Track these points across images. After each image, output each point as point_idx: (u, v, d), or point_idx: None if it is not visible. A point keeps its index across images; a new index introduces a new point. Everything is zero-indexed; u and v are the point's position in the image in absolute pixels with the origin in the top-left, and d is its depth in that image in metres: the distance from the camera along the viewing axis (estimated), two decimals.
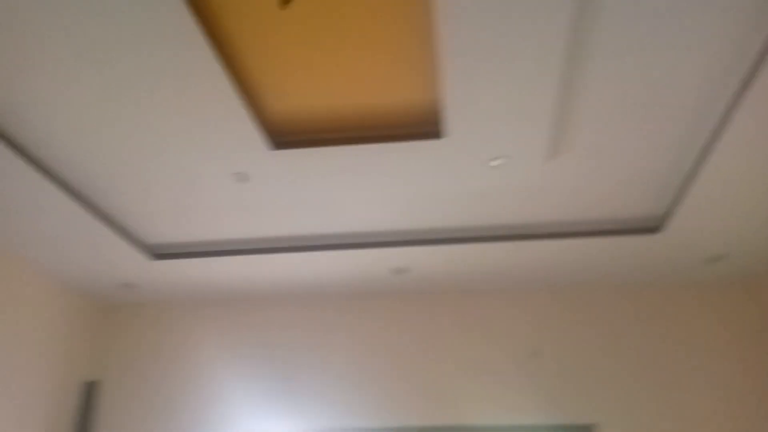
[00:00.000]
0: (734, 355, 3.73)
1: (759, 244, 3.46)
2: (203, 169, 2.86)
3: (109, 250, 3.55)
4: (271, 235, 3.54)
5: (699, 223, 3.22)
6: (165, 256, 3.70)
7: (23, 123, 2.54)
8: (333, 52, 2.32)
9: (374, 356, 3.98)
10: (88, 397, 4.03)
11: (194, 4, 2.05)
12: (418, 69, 2.38)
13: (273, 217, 3.32)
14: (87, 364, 4.14)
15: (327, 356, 4.02)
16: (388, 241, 3.54)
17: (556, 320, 3.95)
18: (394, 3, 2.11)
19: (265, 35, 2.23)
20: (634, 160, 2.85)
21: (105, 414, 4.03)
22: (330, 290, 4.09)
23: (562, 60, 2.21)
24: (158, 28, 2.07)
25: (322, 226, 3.42)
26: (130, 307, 4.36)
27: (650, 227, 3.37)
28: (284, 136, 2.71)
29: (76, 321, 4.08)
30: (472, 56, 2.20)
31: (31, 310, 3.67)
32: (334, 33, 2.24)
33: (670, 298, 3.92)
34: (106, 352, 4.22)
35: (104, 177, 2.94)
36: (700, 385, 3.69)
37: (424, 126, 2.64)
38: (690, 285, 3.94)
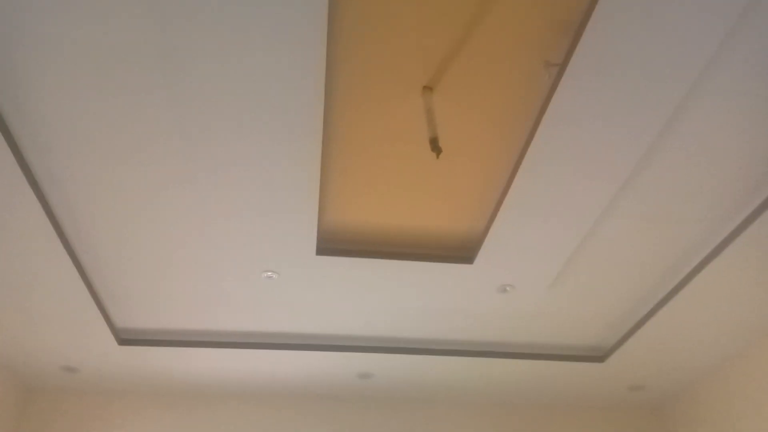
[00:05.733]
0: None
1: (671, 378, 4.11)
2: (236, 259, 2.87)
3: (71, 324, 3.25)
4: (245, 327, 3.51)
5: (635, 355, 3.79)
6: (131, 342, 3.49)
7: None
8: (402, 177, 2.57)
9: None
10: None
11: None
12: (474, 205, 2.71)
13: (268, 314, 3.34)
14: None
15: None
16: (360, 346, 3.68)
17: None
18: (475, 151, 2.45)
19: (350, 154, 2.44)
20: (604, 300, 3.36)
21: None
22: (296, 390, 4.07)
23: (591, 224, 2.68)
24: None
25: (308, 326, 3.48)
26: (60, 393, 3.93)
27: (598, 356, 3.89)
28: (329, 243, 2.86)
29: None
30: (528, 206, 2.58)
31: None
32: (409, 161, 2.51)
33: (596, 418, 4.44)
34: None
35: (109, 245, 2.75)
36: None
37: (459, 251, 2.94)
38: (612, 408, 4.51)
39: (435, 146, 1.91)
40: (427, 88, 2.06)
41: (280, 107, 2.05)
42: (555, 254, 2.90)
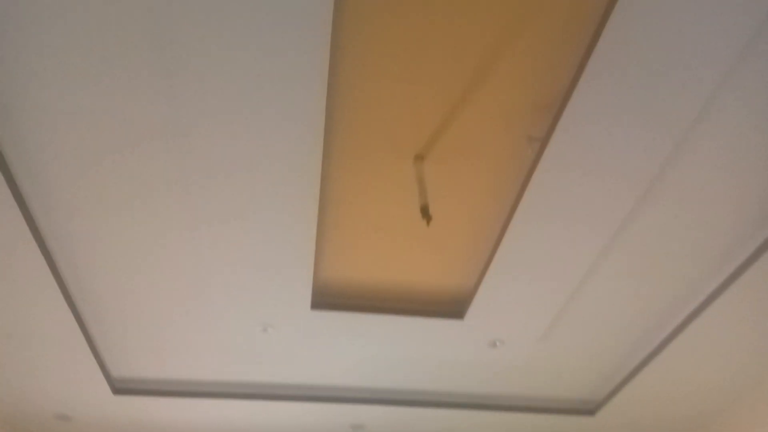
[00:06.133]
0: None
1: (661, 430, 4.14)
2: (233, 313, 2.94)
3: (66, 371, 3.29)
4: (240, 378, 3.56)
5: (626, 407, 3.83)
6: (127, 392, 3.52)
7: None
8: (394, 235, 2.67)
9: None
10: None
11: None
12: (464, 263, 2.81)
13: (264, 365, 3.39)
14: None
15: None
16: (353, 398, 3.72)
17: None
18: (465, 214, 2.56)
19: (345, 213, 2.55)
20: (594, 353, 3.42)
21: None
22: None
23: (579, 279, 2.78)
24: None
25: (302, 378, 3.53)
26: None
27: (589, 409, 3.92)
28: (323, 297, 2.94)
29: None
30: (516, 264, 2.68)
31: None
32: (401, 221, 2.62)
33: None
34: None
35: (108, 287, 2.79)
36: None
37: (450, 306, 3.02)
38: None
39: (425, 214, 2.02)
40: (419, 157, 2.18)
41: (279, 169, 2.16)
42: (543, 310, 2.98)
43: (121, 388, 3.52)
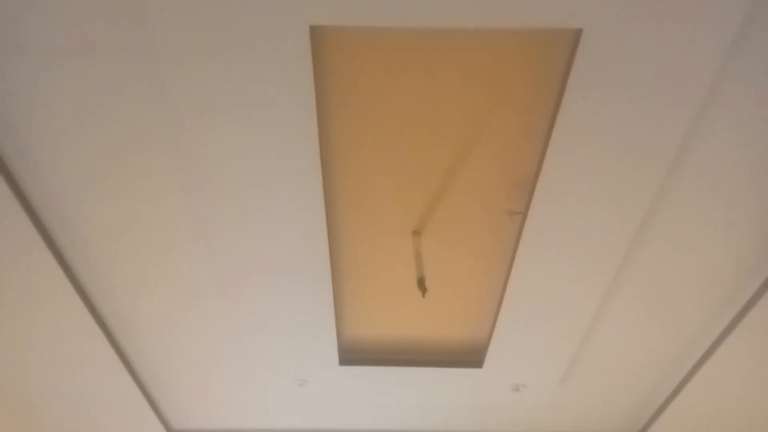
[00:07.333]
0: None
1: None
2: (269, 370, 3.25)
3: (130, 427, 3.68)
4: (283, 427, 3.85)
5: None
6: None
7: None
8: (406, 296, 2.92)
9: None
10: None
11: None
12: (477, 314, 3.02)
13: (302, 414, 3.68)
14: None
15: None
16: None
17: None
18: (470, 271, 2.78)
19: (357, 281, 2.82)
20: (619, 389, 3.53)
21: None
22: None
23: (589, 317, 2.93)
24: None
25: (339, 425, 3.80)
26: None
27: None
28: (350, 354, 3.21)
29: None
30: (524, 311, 2.86)
31: None
32: (410, 283, 2.86)
33: None
34: None
35: (156, 348, 3.10)
36: None
37: (468, 355, 3.23)
38: None
39: (422, 286, 2.26)
40: (416, 233, 2.43)
41: (292, 245, 2.46)
42: (560, 351, 3.13)
43: None
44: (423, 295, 2.25)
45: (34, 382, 3.21)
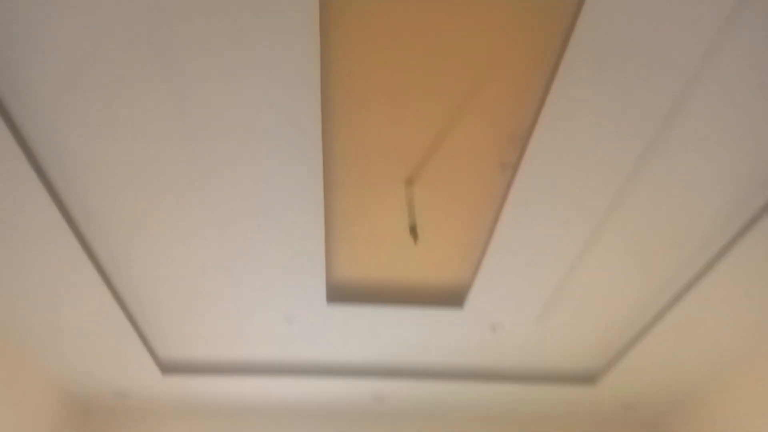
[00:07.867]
0: None
1: (663, 396, 4.46)
2: (259, 306, 3.36)
3: (120, 356, 3.79)
4: (271, 359, 4.01)
5: (626, 376, 4.16)
6: (173, 372, 4.02)
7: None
8: (396, 239, 3.01)
9: None
10: None
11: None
12: (462, 259, 3.14)
13: (291, 347, 3.83)
14: None
15: None
16: (373, 372, 4.15)
17: None
18: (459, 219, 2.88)
19: (350, 224, 2.90)
20: (591, 327, 3.74)
21: None
22: (318, 412, 4.57)
23: (566, 268, 3.08)
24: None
25: (329, 357, 3.97)
26: (112, 414, 4.50)
27: (589, 378, 4.27)
28: (338, 292, 3.33)
29: (58, 421, 4.16)
30: (508, 255, 2.99)
31: (13, 400, 3.67)
32: (402, 227, 2.95)
33: None
34: None
35: (148, 283, 3.20)
36: None
37: (450, 297, 3.38)
38: (606, 427, 4.87)
39: (414, 233, 2.35)
40: (409, 181, 2.50)
41: (288, 188, 2.53)
42: (537, 295, 3.29)
43: (167, 368, 4.01)
44: (415, 242, 2.34)
45: (27, 314, 3.27)
